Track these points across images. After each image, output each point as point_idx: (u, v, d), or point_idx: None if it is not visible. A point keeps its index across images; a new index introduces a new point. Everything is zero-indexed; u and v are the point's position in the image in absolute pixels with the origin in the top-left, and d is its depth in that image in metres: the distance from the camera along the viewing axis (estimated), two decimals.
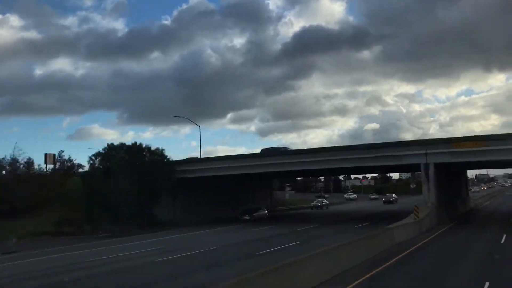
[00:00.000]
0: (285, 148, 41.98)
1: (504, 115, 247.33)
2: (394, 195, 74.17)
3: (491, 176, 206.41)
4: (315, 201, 63.86)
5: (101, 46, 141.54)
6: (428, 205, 32.41)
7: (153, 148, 43.23)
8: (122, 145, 42.57)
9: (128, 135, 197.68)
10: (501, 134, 32.31)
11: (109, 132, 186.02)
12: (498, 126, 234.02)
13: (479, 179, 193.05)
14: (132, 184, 37.47)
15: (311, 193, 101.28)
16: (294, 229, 33.14)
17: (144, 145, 42.48)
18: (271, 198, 62.50)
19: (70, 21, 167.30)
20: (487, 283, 12.88)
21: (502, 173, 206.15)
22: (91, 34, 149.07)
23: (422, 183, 33.87)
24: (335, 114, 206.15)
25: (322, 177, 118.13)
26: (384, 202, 69.28)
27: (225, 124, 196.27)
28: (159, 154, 42.79)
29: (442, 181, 35.30)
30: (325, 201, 62.88)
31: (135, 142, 43.02)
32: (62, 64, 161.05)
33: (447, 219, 34.18)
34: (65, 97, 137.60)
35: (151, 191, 39.33)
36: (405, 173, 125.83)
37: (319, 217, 46.66)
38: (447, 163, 33.58)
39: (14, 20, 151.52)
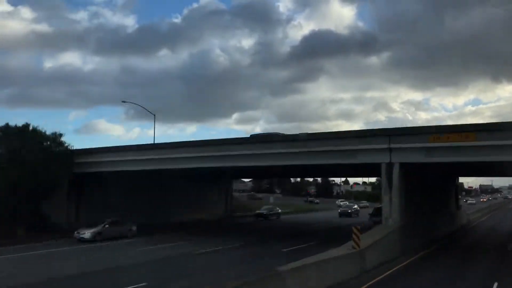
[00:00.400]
0: (282, 134, 31.31)
1: None
2: (355, 205, 60.07)
3: (495, 187, 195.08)
4: (263, 208, 51.12)
5: (111, 42, 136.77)
6: (389, 223, 22.17)
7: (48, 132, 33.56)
8: (6, 127, 32.65)
9: (134, 131, 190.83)
10: (503, 123, 21.28)
11: (115, 127, 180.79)
12: None
13: (482, 190, 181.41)
14: (9, 177, 29.64)
15: (300, 197, 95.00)
16: (195, 251, 22.83)
17: (31, 127, 32.48)
18: (227, 201, 52.60)
19: (81, 15, 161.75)
20: None
21: (507, 185, 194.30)
22: (101, 29, 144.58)
23: (383, 191, 23.22)
24: (341, 118, 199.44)
25: (319, 179, 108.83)
26: (340, 214, 53.35)
27: (231, 124, 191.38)
28: (51, 140, 32.76)
29: (415, 190, 24.90)
30: (277, 208, 51.40)
31: (27, 124, 33.21)
32: (71, 58, 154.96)
33: (419, 245, 23.85)
34: (73, 91, 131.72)
35: (34, 187, 30.00)
36: None
37: (258, 230, 36.76)
38: (420, 164, 23.03)
39: (26, 12, 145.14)
